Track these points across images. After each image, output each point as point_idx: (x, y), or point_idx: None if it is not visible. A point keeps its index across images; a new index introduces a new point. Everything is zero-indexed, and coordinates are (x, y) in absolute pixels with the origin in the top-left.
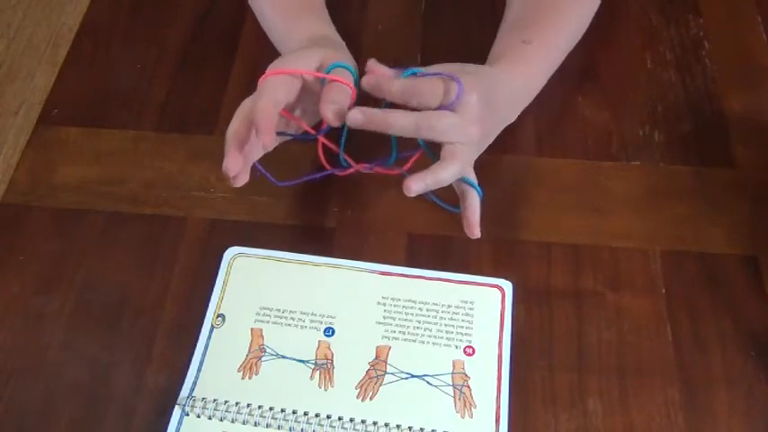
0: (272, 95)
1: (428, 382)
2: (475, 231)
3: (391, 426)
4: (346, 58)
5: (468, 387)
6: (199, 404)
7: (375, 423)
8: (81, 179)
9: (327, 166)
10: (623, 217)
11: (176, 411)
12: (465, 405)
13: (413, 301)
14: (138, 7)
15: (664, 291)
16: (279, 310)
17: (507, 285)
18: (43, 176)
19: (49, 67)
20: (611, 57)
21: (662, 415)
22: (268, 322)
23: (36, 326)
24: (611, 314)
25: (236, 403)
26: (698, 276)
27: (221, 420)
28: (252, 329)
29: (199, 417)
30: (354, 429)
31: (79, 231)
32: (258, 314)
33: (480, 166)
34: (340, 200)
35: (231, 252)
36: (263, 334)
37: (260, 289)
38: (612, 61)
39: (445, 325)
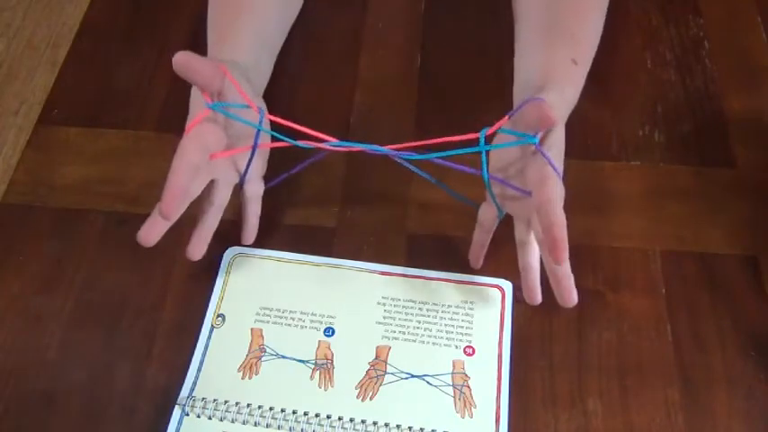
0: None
1: (428, 382)
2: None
3: (391, 426)
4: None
5: (469, 387)
6: (199, 404)
7: (375, 423)
8: (81, 179)
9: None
10: (623, 217)
11: (176, 411)
12: (465, 405)
13: (413, 302)
14: (138, 7)
15: (664, 291)
16: (279, 310)
17: (507, 285)
18: (43, 176)
19: (49, 67)
20: (612, 57)
21: (662, 415)
22: (268, 322)
23: (36, 326)
24: (611, 314)
25: (237, 403)
26: (698, 276)
27: (221, 420)
28: (252, 329)
29: (199, 417)
30: (354, 429)
31: (79, 231)
32: (258, 314)
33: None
34: (340, 200)
35: (231, 252)
36: (263, 334)
37: (260, 289)
38: (612, 61)
39: (445, 325)
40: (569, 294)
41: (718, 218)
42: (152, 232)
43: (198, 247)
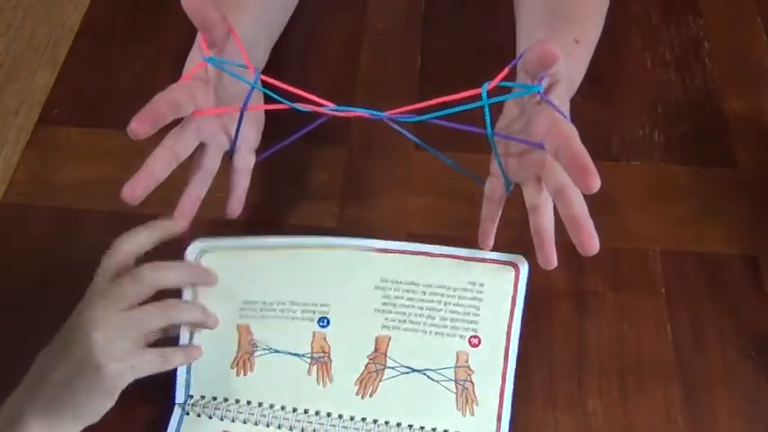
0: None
1: (429, 377)
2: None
3: (391, 424)
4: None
5: (472, 382)
6: (199, 403)
7: (375, 421)
8: (81, 179)
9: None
10: (623, 217)
11: (176, 411)
12: (467, 402)
13: (415, 284)
14: (138, 7)
15: (664, 291)
16: (264, 303)
17: (522, 261)
18: (43, 176)
19: (49, 67)
20: (611, 57)
21: (662, 415)
22: (255, 317)
23: (36, 326)
24: (612, 314)
25: (237, 401)
26: (698, 276)
27: (222, 420)
28: (239, 326)
29: (199, 416)
30: (354, 428)
31: (79, 231)
32: (242, 309)
33: (481, 165)
34: (340, 200)
35: (195, 249)
36: (252, 330)
37: (238, 283)
38: (612, 61)
39: (450, 312)
40: (590, 239)
41: (718, 218)
42: (136, 189)
43: (183, 215)
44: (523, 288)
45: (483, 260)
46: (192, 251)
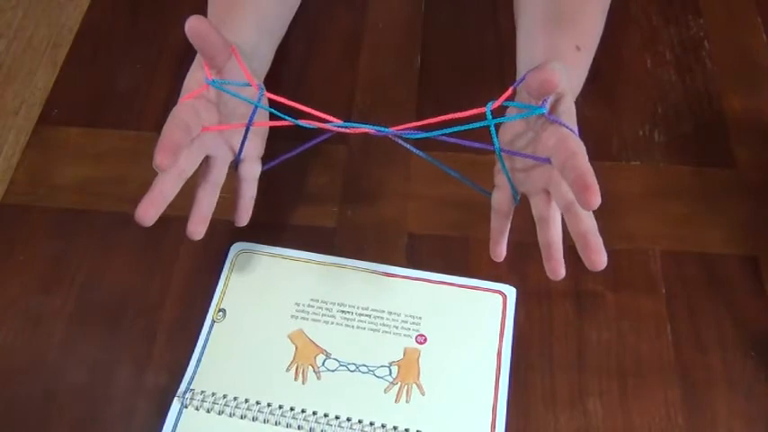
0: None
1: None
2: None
3: (388, 427)
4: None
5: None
6: (198, 397)
7: (371, 424)
8: (81, 179)
9: (331, 129)
10: (623, 217)
11: (175, 403)
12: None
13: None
14: (138, 7)
15: (664, 291)
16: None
17: (510, 291)
18: (43, 176)
19: (49, 67)
20: (611, 57)
21: (662, 415)
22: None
23: (36, 326)
24: (611, 314)
25: (235, 398)
26: (698, 276)
27: (219, 414)
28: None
29: (197, 410)
30: (351, 429)
31: (79, 231)
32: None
33: (481, 166)
34: (340, 200)
35: (236, 248)
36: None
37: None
38: (612, 61)
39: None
40: (598, 255)
41: (718, 218)
42: (149, 209)
43: (196, 227)
44: (512, 312)
45: (474, 288)
46: (232, 250)
